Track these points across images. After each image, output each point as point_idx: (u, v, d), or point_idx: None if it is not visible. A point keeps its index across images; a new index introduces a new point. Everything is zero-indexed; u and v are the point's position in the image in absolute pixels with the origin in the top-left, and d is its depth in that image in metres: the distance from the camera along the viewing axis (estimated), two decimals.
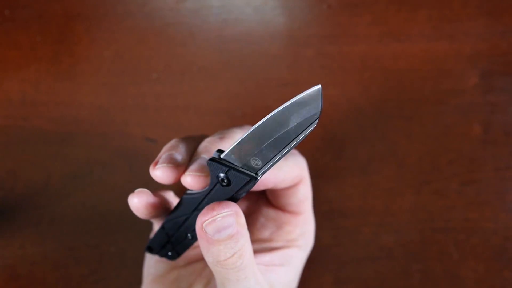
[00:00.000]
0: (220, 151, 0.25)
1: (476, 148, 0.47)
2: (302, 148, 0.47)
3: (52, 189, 0.47)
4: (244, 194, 0.26)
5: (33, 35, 0.49)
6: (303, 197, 0.34)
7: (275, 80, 0.48)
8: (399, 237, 0.46)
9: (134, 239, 0.46)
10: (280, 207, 0.35)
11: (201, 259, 0.36)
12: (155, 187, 0.46)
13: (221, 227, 0.26)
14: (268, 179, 0.30)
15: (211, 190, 0.27)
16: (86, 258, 0.46)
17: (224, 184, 0.26)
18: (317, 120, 0.22)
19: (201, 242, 0.27)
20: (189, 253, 0.36)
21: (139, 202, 0.31)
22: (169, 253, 0.33)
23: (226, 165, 0.25)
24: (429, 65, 0.48)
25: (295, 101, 0.22)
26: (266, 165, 0.24)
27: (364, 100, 0.48)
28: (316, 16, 0.50)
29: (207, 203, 0.27)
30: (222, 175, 0.25)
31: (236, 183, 0.25)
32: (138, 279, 0.45)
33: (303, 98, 0.22)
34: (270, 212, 0.35)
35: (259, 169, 0.25)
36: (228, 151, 0.25)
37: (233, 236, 0.26)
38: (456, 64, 0.48)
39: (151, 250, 0.34)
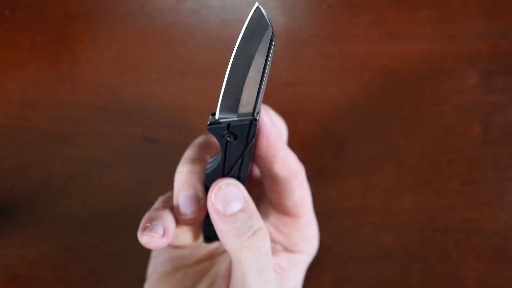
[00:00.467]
0: (213, 114, 0.26)
1: (476, 148, 0.47)
2: (302, 148, 0.48)
3: (52, 189, 0.47)
4: (253, 140, 0.27)
5: (33, 35, 0.49)
6: (300, 200, 0.34)
7: (275, 80, 0.48)
8: (399, 237, 0.46)
9: (134, 239, 0.46)
10: (278, 209, 0.35)
11: (208, 258, 0.36)
12: (155, 187, 0.47)
13: (229, 197, 0.27)
14: (270, 128, 0.29)
15: (225, 152, 0.28)
16: (86, 258, 0.46)
17: (231, 140, 0.27)
18: (273, 34, 0.23)
19: (218, 226, 0.27)
20: (198, 253, 0.36)
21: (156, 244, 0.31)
22: None
23: (223, 123, 0.26)
24: (429, 65, 0.48)
25: (244, 32, 0.23)
26: (256, 100, 0.25)
27: (364, 100, 0.48)
28: (316, 16, 0.50)
29: (228, 167, 0.28)
30: (225, 132, 0.26)
31: (241, 134, 0.26)
32: (138, 279, 0.45)
33: (249, 24, 0.23)
34: (270, 213, 0.35)
35: (253, 108, 0.25)
36: (218, 110, 0.26)
37: (244, 210, 0.27)
38: (456, 64, 0.48)
39: (209, 239, 0.34)
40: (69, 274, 0.45)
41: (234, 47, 0.24)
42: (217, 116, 0.26)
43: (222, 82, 0.25)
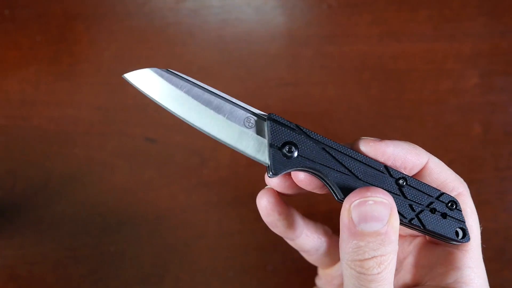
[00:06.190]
0: (268, 172, 0.28)
1: (476, 148, 0.47)
2: None
3: (52, 189, 0.47)
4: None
5: (33, 35, 0.49)
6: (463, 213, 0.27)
7: (275, 80, 0.48)
8: None
9: (134, 239, 0.46)
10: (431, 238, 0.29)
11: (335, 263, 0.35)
12: (154, 187, 0.46)
13: (370, 215, 0.23)
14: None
15: (313, 160, 0.27)
16: (86, 258, 0.46)
17: (294, 149, 0.26)
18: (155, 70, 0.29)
19: (342, 231, 0.25)
20: (325, 260, 0.35)
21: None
22: None
23: (272, 152, 0.27)
24: (429, 65, 0.48)
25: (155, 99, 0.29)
26: (247, 110, 0.27)
27: (364, 100, 0.48)
28: (316, 16, 0.50)
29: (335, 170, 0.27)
30: (284, 151, 0.27)
31: (284, 135, 0.27)
32: (138, 279, 0.45)
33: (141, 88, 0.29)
34: (421, 250, 0.30)
35: (255, 117, 0.27)
36: (264, 162, 0.27)
37: (380, 235, 0.23)
38: (456, 64, 0.48)
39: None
40: (69, 274, 0.45)
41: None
42: (268, 162, 0.26)
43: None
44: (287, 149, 0.26)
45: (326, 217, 0.46)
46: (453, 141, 0.47)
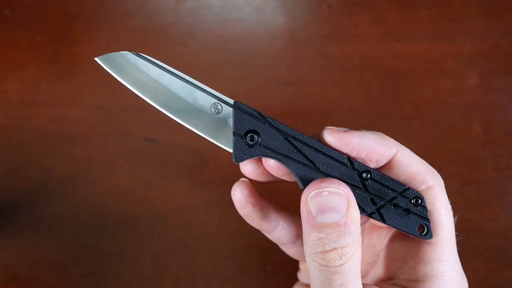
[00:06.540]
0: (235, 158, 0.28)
1: (476, 148, 0.47)
2: None
3: (52, 189, 0.47)
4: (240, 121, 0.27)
5: (33, 35, 0.49)
6: (436, 217, 0.27)
7: (275, 80, 0.48)
8: None
9: (134, 239, 0.46)
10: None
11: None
12: (155, 187, 0.46)
13: (327, 206, 0.23)
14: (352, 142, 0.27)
15: (276, 151, 0.27)
16: (86, 258, 0.46)
17: (257, 137, 0.27)
18: (132, 55, 0.28)
19: (303, 224, 0.25)
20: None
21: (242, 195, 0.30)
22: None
23: (236, 139, 0.27)
24: (429, 65, 0.48)
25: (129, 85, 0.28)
26: (215, 97, 0.28)
27: (364, 100, 0.48)
28: (316, 16, 0.50)
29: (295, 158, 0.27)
30: (247, 139, 0.27)
31: (247, 122, 0.27)
32: (138, 279, 0.45)
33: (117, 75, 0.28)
34: (394, 244, 0.30)
35: (222, 104, 0.28)
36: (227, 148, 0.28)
37: (339, 227, 0.23)
38: (456, 64, 0.48)
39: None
40: (69, 274, 0.45)
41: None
42: (232, 150, 0.27)
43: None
44: (249, 138, 0.27)
45: None
46: (453, 141, 0.47)
